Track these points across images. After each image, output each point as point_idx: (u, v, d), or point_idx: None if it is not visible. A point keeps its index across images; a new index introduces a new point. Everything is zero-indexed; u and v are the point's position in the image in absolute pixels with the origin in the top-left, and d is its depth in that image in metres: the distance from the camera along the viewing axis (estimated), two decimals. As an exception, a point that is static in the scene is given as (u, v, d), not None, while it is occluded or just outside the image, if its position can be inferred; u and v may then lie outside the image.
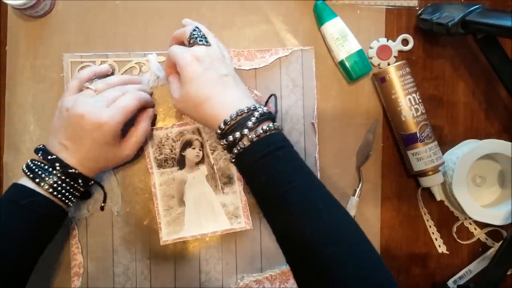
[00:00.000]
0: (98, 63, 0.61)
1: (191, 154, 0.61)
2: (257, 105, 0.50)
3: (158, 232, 0.60)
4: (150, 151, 0.60)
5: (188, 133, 0.60)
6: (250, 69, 0.62)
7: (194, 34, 0.54)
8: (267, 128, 0.47)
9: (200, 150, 0.61)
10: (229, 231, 0.60)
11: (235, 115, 0.48)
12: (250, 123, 0.47)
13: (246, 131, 0.47)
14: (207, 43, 0.53)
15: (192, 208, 0.61)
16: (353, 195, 0.62)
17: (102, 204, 0.60)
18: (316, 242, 0.43)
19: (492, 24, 0.53)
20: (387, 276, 0.43)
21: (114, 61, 0.61)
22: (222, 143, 0.50)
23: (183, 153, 0.61)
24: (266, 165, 0.47)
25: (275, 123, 0.49)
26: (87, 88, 0.54)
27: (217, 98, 0.50)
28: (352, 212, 0.61)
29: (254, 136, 0.47)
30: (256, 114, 0.48)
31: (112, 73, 0.61)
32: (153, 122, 0.61)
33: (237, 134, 0.47)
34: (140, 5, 0.62)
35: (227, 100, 0.50)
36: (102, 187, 0.60)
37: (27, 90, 0.61)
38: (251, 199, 0.60)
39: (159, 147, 0.60)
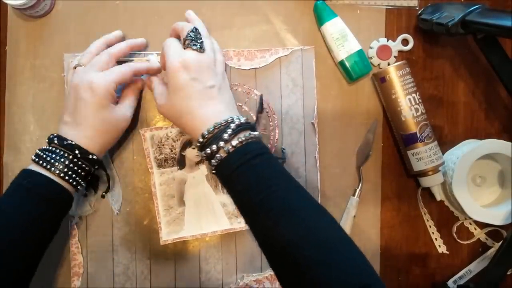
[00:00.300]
0: None
1: (191, 153, 0.61)
2: (235, 117, 0.50)
3: (158, 232, 0.60)
4: (150, 151, 0.60)
5: None
6: (250, 69, 0.62)
7: (190, 36, 0.54)
8: (244, 138, 0.48)
9: None
10: (229, 231, 0.60)
11: (212, 129, 0.49)
12: (225, 135, 0.48)
13: (221, 143, 0.48)
14: (201, 49, 0.53)
15: (192, 208, 0.61)
16: (353, 195, 0.62)
17: (104, 193, 0.60)
18: (296, 246, 0.43)
19: (492, 24, 0.53)
20: (371, 277, 0.43)
21: None
22: (202, 155, 0.50)
23: (183, 153, 0.61)
24: (242, 175, 0.47)
25: (252, 132, 0.49)
26: (76, 66, 0.55)
27: (198, 112, 0.51)
28: (352, 212, 0.61)
29: (230, 147, 0.48)
30: (232, 125, 0.49)
31: None
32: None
33: (214, 147, 0.48)
34: (140, 5, 0.62)
35: (208, 113, 0.51)
36: (105, 171, 0.59)
37: (27, 90, 0.61)
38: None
39: (159, 147, 0.60)
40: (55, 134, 0.52)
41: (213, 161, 0.49)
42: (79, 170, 0.52)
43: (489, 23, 0.53)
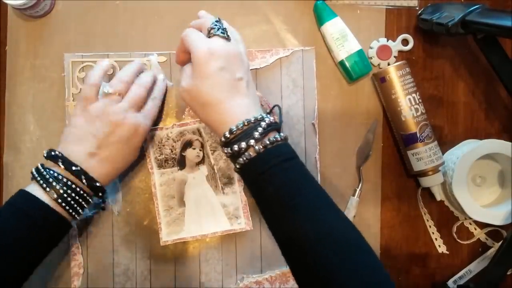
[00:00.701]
0: None
1: (191, 154, 0.61)
2: (264, 115, 0.48)
3: (158, 233, 0.60)
4: (151, 151, 0.60)
5: (188, 133, 0.60)
6: (251, 70, 0.62)
7: (216, 25, 0.51)
8: (274, 139, 0.47)
9: (200, 150, 0.61)
10: (229, 231, 0.60)
11: (241, 125, 0.47)
12: (256, 134, 0.46)
13: (252, 141, 0.46)
14: (228, 37, 0.51)
15: (192, 208, 0.61)
16: (353, 195, 0.62)
17: (103, 205, 0.60)
18: (319, 246, 0.43)
19: (492, 24, 0.53)
20: (387, 280, 0.43)
21: (115, 60, 0.61)
22: (225, 151, 0.49)
23: (183, 153, 0.61)
24: (274, 176, 0.46)
25: (281, 134, 0.48)
26: (109, 93, 0.53)
27: (226, 104, 0.49)
28: (352, 212, 0.61)
29: (261, 147, 0.46)
30: (263, 124, 0.47)
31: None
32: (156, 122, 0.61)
33: (243, 144, 0.46)
34: (140, 5, 0.62)
35: (236, 107, 0.49)
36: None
37: (27, 90, 0.61)
38: (251, 199, 0.60)
39: (159, 147, 0.60)
40: (79, 168, 0.50)
41: (240, 159, 0.47)
42: (82, 201, 0.52)
43: (489, 23, 0.53)
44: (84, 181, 0.50)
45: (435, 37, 0.64)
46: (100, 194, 0.53)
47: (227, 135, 0.48)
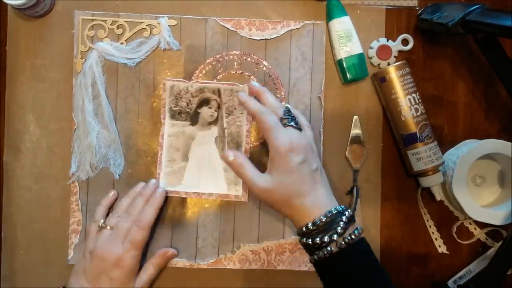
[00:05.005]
0: (109, 23, 0.61)
1: (206, 112, 0.61)
2: (343, 207, 0.50)
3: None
4: (167, 101, 0.60)
5: (208, 91, 0.61)
6: (260, 39, 0.62)
7: (288, 115, 0.54)
8: (354, 235, 0.47)
9: (216, 111, 0.61)
10: (225, 197, 0.61)
11: (324, 218, 0.48)
12: (339, 228, 0.47)
13: (335, 236, 0.47)
14: (300, 128, 0.53)
15: (194, 165, 0.61)
16: (352, 197, 0.62)
17: None
18: None
19: (492, 24, 0.53)
20: None
21: (125, 21, 0.61)
22: (303, 241, 0.49)
23: (198, 110, 0.61)
24: (354, 275, 0.47)
25: (359, 228, 0.49)
26: (102, 227, 0.56)
27: (309, 197, 0.50)
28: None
29: (343, 242, 0.47)
30: (344, 218, 0.48)
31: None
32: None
33: (326, 238, 0.47)
34: (140, 5, 0.62)
35: (316, 199, 0.50)
36: None
37: (27, 90, 0.61)
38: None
39: (177, 98, 0.61)
40: None
41: (320, 252, 0.47)
42: None
43: (489, 23, 0.53)
44: None
45: (435, 37, 0.64)
46: None
47: (310, 227, 0.48)
